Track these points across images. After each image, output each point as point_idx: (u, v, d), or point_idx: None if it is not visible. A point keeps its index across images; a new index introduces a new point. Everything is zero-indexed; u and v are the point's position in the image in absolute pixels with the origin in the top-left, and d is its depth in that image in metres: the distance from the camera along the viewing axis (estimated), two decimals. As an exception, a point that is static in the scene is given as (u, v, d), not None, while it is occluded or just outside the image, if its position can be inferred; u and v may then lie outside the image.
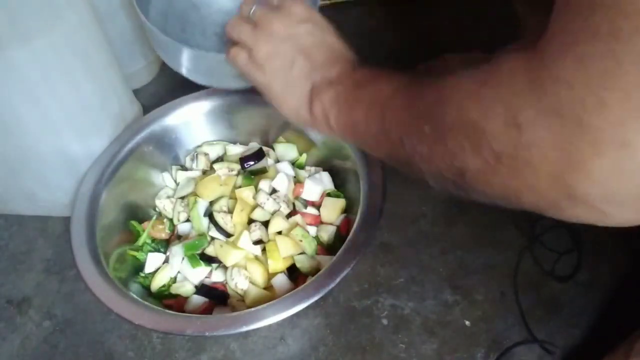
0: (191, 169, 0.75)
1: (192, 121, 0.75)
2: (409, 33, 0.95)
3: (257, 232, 0.65)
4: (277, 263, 0.63)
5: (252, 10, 0.54)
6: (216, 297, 0.64)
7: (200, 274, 0.64)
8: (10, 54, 0.57)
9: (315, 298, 0.54)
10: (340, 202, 0.69)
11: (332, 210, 0.68)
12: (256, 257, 0.65)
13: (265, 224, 0.67)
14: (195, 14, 0.74)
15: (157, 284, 0.65)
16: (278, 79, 0.52)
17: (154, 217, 0.72)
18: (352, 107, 0.47)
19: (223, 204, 0.68)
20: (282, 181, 0.69)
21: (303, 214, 0.68)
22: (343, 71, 0.50)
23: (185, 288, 0.64)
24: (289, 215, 0.68)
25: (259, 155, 0.72)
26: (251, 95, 0.74)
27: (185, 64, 0.64)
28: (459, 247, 0.68)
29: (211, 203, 0.69)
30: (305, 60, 0.51)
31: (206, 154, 0.75)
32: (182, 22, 0.73)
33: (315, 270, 0.62)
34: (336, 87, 0.49)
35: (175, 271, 0.66)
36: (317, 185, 0.69)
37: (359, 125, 0.46)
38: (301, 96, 0.51)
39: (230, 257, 0.64)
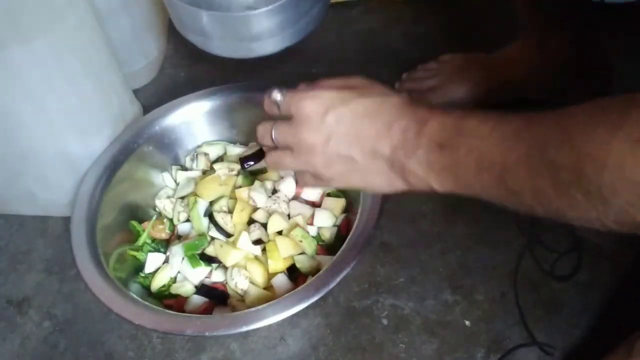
0: (191, 169, 0.75)
1: (192, 121, 0.75)
2: (409, 33, 0.95)
3: (256, 232, 0.65)
4: (277, 263, 0.63)
5: (273, 136, 0.51)
6: (216, 297, 0.64)
7: (200, 274, 0.64)
8: (10, 54, 0.57)
9: (315, 298, 0.54)
10: (340, 202, 0.69)
11: (332, 210, 0.68)
12: (256, 257, 0.65)
13: (266, 224, 0.67)
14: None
15: (157, 284, 0.65)
16: (352, 175, 0.48)
17: (154, 217, 0.72)
18: (453, 173, 0.42)
19: (223, 204, 0.68)
20: (289, 186, 0.69)
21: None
22: (410, 129, 0.44)
23: (185, 288, 0.64)
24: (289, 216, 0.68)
25: (259, 155, 0.72)
26: (251, 95, 0.75)
27: (208, 31, 0.63)
28: (459, 247, 0.68)
29: (211, 203, 0.69)
30: (359, 145, 0.46)
31: (206, 154, 0.75)
32: (208, 4, 0.72)
33: (315, 270, 0.62)
34: (417, 155, 0.44)
35: (176, 271, 0.66)
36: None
37: (472, 188, 0.42)
38: (384, 173, 0.47)
39: (230, 257, 0.64)
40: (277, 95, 0.51)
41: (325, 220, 0.67)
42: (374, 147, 0.46)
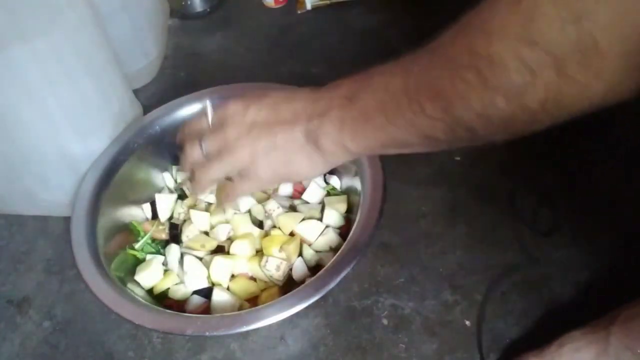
0: (191, 169, 0.75)
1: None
2: (409, 33, 0.95)
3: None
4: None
5: (203, 147, 0.52)
6: (216, 297, 0.63)
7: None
8: (10, 54, 0.57)
9: (315, 298, 0.54)
10: (342, 199, 0.69)
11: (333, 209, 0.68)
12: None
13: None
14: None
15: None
16: (276, 161, 0.49)
17: (154, 217, 0.71)
18: (364, 125, 0.43)
19: (223, 204, 0.68)
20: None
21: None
22: (323, 96, 0.47)
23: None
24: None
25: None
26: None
27: None
28: (459, 247, 0.68)
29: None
30: (279, 124, 0.48)
31: (206, 154, 0.75)
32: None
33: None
34: (329, 115, 0.45)
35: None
36: (317, 185, 0.70)
37: (383, 130, 0.42)
38: (303, 149, 0.48)
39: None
40: (208, 107, 0.54)
41: (334, 220, 0.67)
42: (292, 122, 0.48)
